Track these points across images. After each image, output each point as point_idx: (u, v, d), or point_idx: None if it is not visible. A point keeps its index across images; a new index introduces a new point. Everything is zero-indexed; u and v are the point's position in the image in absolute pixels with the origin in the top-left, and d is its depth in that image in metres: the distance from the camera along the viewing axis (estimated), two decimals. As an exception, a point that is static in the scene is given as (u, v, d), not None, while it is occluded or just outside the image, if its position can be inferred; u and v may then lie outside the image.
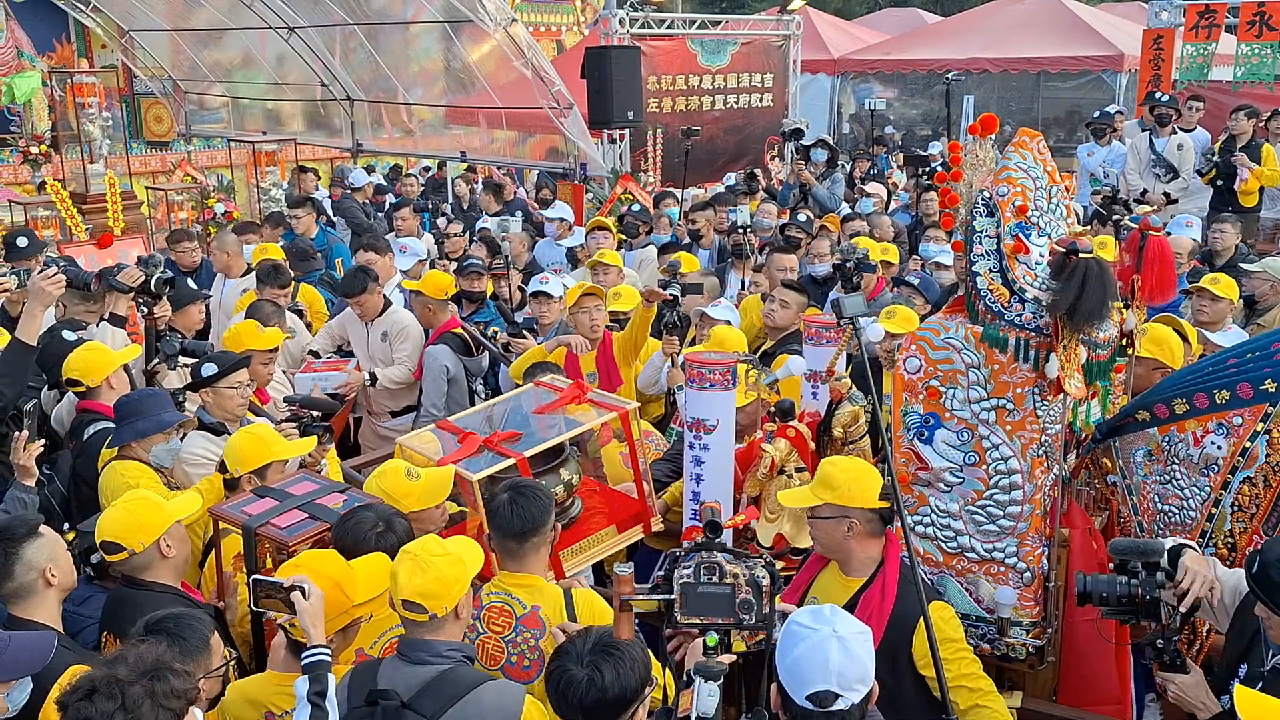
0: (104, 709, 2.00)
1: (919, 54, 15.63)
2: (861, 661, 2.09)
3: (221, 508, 3.31)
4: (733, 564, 1.97)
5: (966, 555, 3.25)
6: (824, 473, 3.09)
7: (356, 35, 11.50)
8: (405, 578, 2.57)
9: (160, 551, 3.04)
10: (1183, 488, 3.21)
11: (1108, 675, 3.24)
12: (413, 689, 2.52)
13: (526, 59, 9.51)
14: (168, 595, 3.02)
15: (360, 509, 3.10)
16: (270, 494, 3.33)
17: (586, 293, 5.28)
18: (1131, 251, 3.49)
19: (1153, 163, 9.80)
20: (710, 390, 3.50)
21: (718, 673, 1.95)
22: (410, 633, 2.64)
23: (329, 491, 3.35)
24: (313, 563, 2.74)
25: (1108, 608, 2.74)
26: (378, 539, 2.96)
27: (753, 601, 1.97)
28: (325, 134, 13.57)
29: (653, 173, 11.62)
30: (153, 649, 2.19)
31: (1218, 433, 3.09)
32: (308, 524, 3.15)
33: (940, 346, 3.21)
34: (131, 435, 3.84)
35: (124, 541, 2.99)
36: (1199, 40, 11.37)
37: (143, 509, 3.05)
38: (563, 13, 18.77)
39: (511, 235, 7.57)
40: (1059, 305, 3.00)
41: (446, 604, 2.56)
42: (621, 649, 2.24)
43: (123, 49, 13.94)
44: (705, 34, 12.58)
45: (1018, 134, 3.25)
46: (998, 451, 3.19)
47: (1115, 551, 2.77)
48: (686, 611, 1.98)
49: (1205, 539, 3.16)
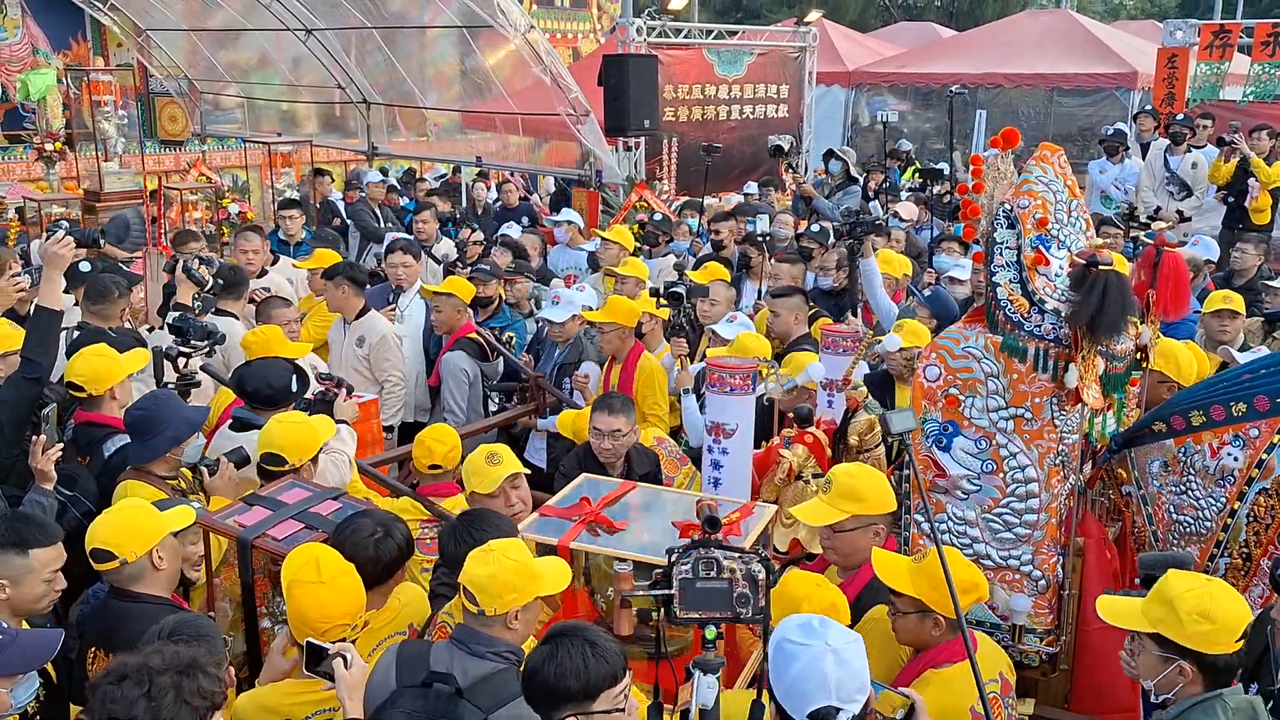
0: (130, 694, 2.02)
1: (933, 67, 15.68)
2: (858, 671, 2.10)
3: (212, 518, 3.23)
4: (729, 559, 2.03)
5: (982, 562, 3.27)
6: (845, 486, 3.13)
7: (374, 38, 11.54)
8: (469, 564, 2.59)
9: (152, 563, 2.93)
10: (1198, 499, 3.24)
11: (1120, 683, 3.26)
12: (470, 679, 2.50)
13: (545, 65, 9.55)
14: (163, 608, 2.89)
15: (357, 515, 3.07)
16: (262, 502, 3.27)
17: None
18: (1147, 267, 3.53)
19: (1166, 180, 9.84)
20: (731, 395, 3.53)
21: (716, 665, 1.99)
22: (467, 621, 2.62)
23: (322, 499, 3.32)
24: (325, 570, 2.73)
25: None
26: (376, 545, 2.94)
27: (749, 595, 2.02)
28: (340, 136, 13.61)
29: (668, 181, 11.66)
30: (190, 649, 2.20)
31: (1234, 444, 3.12)
32: (304, 534, 3.10)
33: (960, 355, 3.25)
34: (165, 446, 3.66)
35: (117, 550, 2.87)
36: (1213, 60, 11.43)
37: (137, 517, 2.95)
38: (579, 20, 18.84)
39: (523, 239, 7.62)
40: (1079, 317, 3.04)
41: (497, 606, 2.54)
42: (598, 638, 2.21)
43: (139, 48, 13.99)
44: (722, 44, 12.64)
45: (1039, 148, 3.29)
46: (1015, 460, 3.22)
47: (1144, 567, 2.80)
48: (685, 606, 2.02)
49: (1220, 550, 3.19)
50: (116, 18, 13.51)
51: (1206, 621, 2.36)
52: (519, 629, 2.59)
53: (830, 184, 9.55)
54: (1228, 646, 2.41)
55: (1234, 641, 2.41)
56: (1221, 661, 2.39)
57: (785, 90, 13.07)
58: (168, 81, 14.44)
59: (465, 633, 2.61)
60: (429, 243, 8.36)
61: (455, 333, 5.74)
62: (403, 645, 2.68)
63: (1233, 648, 2.42)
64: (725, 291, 5.95)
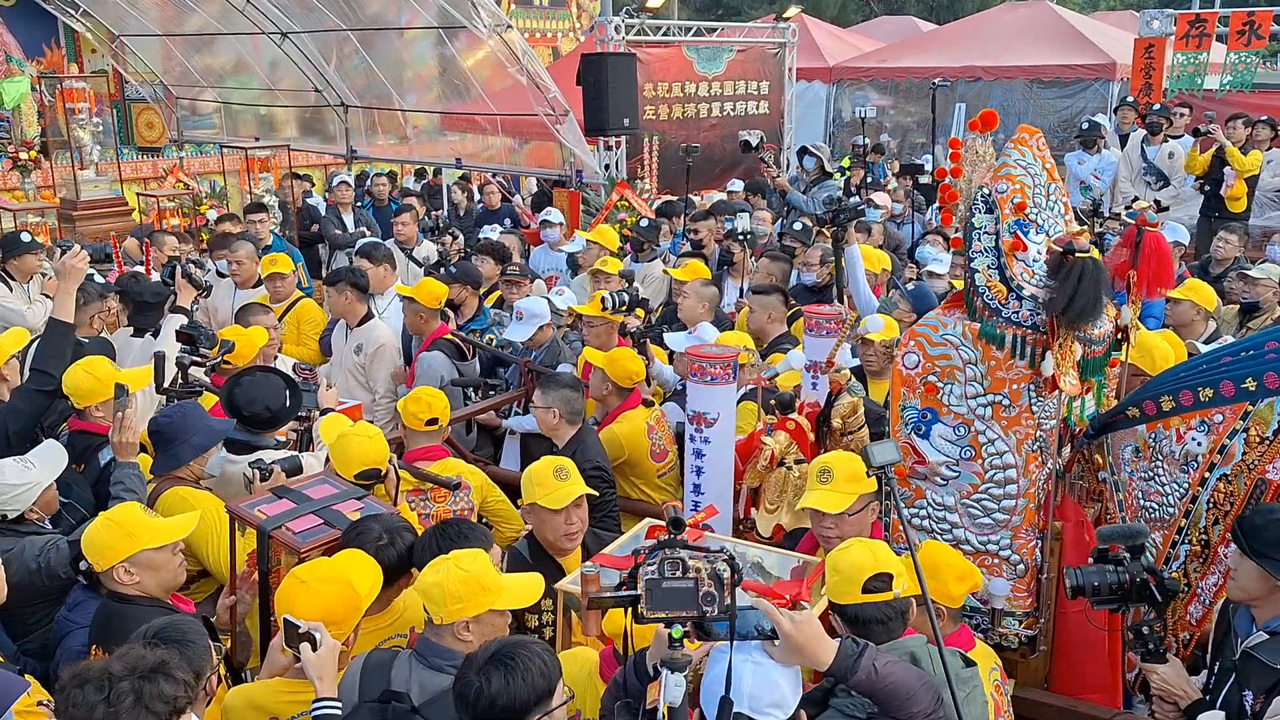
0: (90, 699, 2.05)
1: (914, 61, 15.72)
2: (777, 687, 2.09)
3: (239, 506, 3.29)
4: (695, 559, 2.04)
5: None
6: (845, 470, 3.19)
7: (350, 41, 11.49)
8: (424, 571, 2.60)
9: (115, 577, 2.93)
10: (1164, 484, 3.23)
11: (1099, 663, 3.27)
12: (427, 694, 2.50)
13: (521, 65, 9.52)
14: (154, 610, 2.94)
15: (368, 519, 3.11)
16: (289, 495, 3.31)
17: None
18: (1128, 246, 3.53)
19: (1144, 170, 9.90)
20: (711, 384, 3.52)
21: (683, 664, 2.00)
22: (426, 631, 2.63)
23: (347, 498, 3.34)
24: (317, 571, 2.75)
25: (1099, 598, 2.79)
26: (378, 551, 2.96)
27: (715, 594, 2.03)
28: (319, 140, 13.54)
29: (649, 180, 11.64)
30: (158, 652, 2.21)
31: (1199, 429, 3.11)
32: (321, 530, 3.15)
33: (938, 343, 3.24)
34: (189, 455, 3.67)
35: (90, 558, 2.95)
36: (1190, 49, 11.50)
37: (111, 532, 2.94)
38: (559, 19, 18.85)
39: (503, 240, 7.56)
40: (1055, 304, 3.04)
41: (444, 615, 2.55)
42: (518, 660, 2.23)
43: (113, 54, 13.89)
44: (701, 41, 12.64)
45: (1018, 130, 3.28)
46: (993, 446, 3.22)
47: (1102, 539, 2.84)
48: (652, 607, 2.03)
49: (1181, 536, 3.19)
50: (89, 24, 13.42)
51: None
52: (472, 640, 2.57)
53: (805, 180, 9.55)
54: (853, 596, 2.55)
55: (858, 592, 2.54)
56: (851, 612, 2.56)
57: (766, 87, 13.08)
58: (143, 87, 14.34)
59: (423, 644, 2.61)
60: (409, 245, 8.33)
61: (430, 335, 5.69)
62: (369, 655, 2.69)
63: (859, 598, 2.54)
64: (705, 291, 5.84)
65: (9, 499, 3.33)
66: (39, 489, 3.41)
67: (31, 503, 3.39)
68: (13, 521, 3.37)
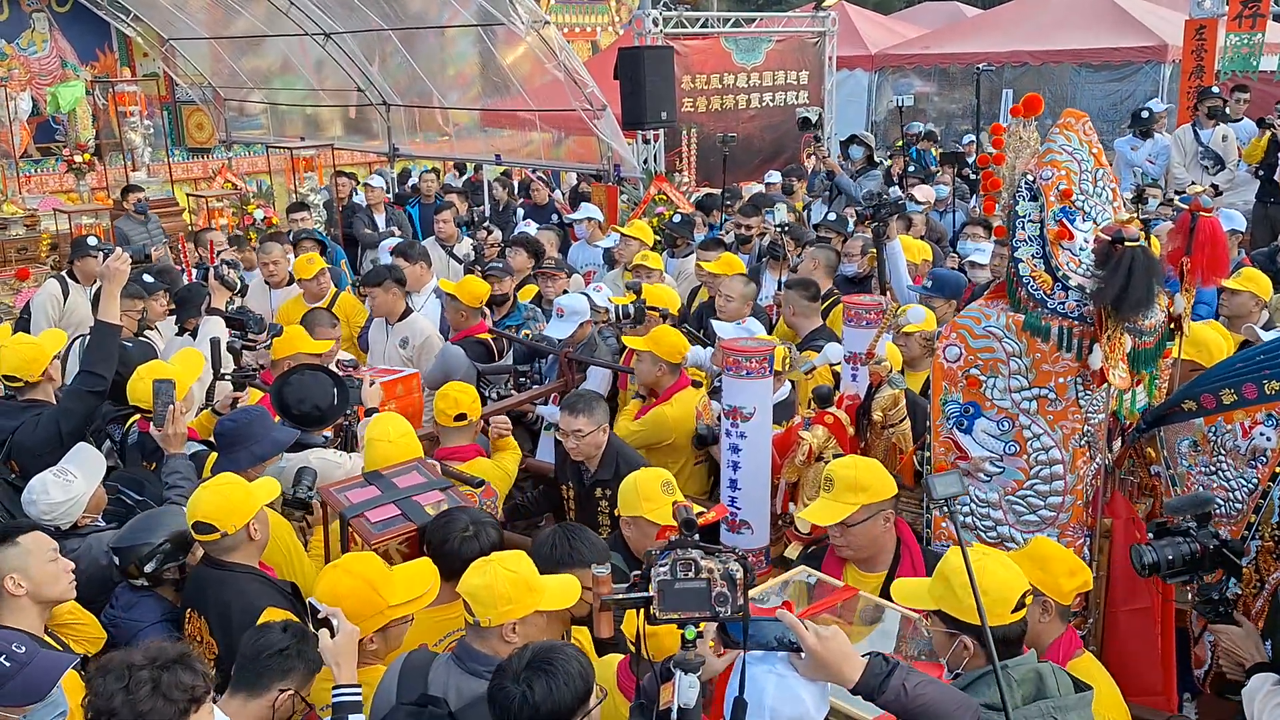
0: (110, 687, 2.10)
1: (958, 47, 15.48)
2: (800, 701, 2.05)
3: (330, 489, 3.40)
4: (707, 559, 2.01)
5: (1006, 546, 3.19)
6: (846, 479, 3.10)
7: (392, 40, 11.60)
8: (467, 573, 2.60)
9: (249, 534, 3.13)
10: (1229, 479, 3.13)
11: (1151, 665, 3.17)
12: (464, 699, 2.48)
13: (559, 60, 9.53)
14: (246, 575, 3.12)
15: (456, 510, 3.17)
16: (377, 482, 3.39)
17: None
18: (1182, 233, 3.41)
19: (1200, 154, 9.63)
20: (747, 378, 3.48)
21: (696, 665, 1.99)
22: (468, 636, 2.62)
23: (431, 489, 3.39)
24: (352, 564, 2.78)
25: (1172, 570, 2.74)
26: (463, 541, 3.00)
27: (727, 594, 2.00)
28: (363, 139, 13.70)
29: (688, 173, 11.59)
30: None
31: (1267, 424, 3.01)
32: (397, 522, 3.21)
33: (981, 335, 3.16)
34: (247, 461, 3.71)
35: (218, 523, 3.06)
36: (1243, 30, 11.16)
37: (235, 493, 3.14)
38: (598, 13, 18.82)
39: (540, 236, 7.55)
40: (1104, 296, 2.94)
41: (491, 617, 2.54)
42: (557, 665, 2.22)
43: (163, 57, 14.16)
44: (739, 32, 12.55)
45: (1063, 115, 3.19)
46: (1039, 441, 3.13)
47: (1170, 510, 2.80)
48: (664, 607, 2.01)
49: (1251, 532, 3.08)
50: (140, 29, 13.68)
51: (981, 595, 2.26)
52: (517, 643, 2.55)
53: (851, 169, 9.44)
54: (1003, 618, 2.38)
55: (1008, 613, 2.39)
56: (999, 633, 2.34)
57: (805, 76, 12.95)
58: (193, 90, 14.60)
59: (463, 648, 2.60)
60: (450, 242, 8.37)
61: (464, 331, 5.71)
62: (408, 656, 2.68)
63: (1008, 619, 2.39)
64: (742, 287, 5.60)
65: (58, 515, 3.45)
66: (85, 499, 3.53)
67: (80, 514, 3.51)
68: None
